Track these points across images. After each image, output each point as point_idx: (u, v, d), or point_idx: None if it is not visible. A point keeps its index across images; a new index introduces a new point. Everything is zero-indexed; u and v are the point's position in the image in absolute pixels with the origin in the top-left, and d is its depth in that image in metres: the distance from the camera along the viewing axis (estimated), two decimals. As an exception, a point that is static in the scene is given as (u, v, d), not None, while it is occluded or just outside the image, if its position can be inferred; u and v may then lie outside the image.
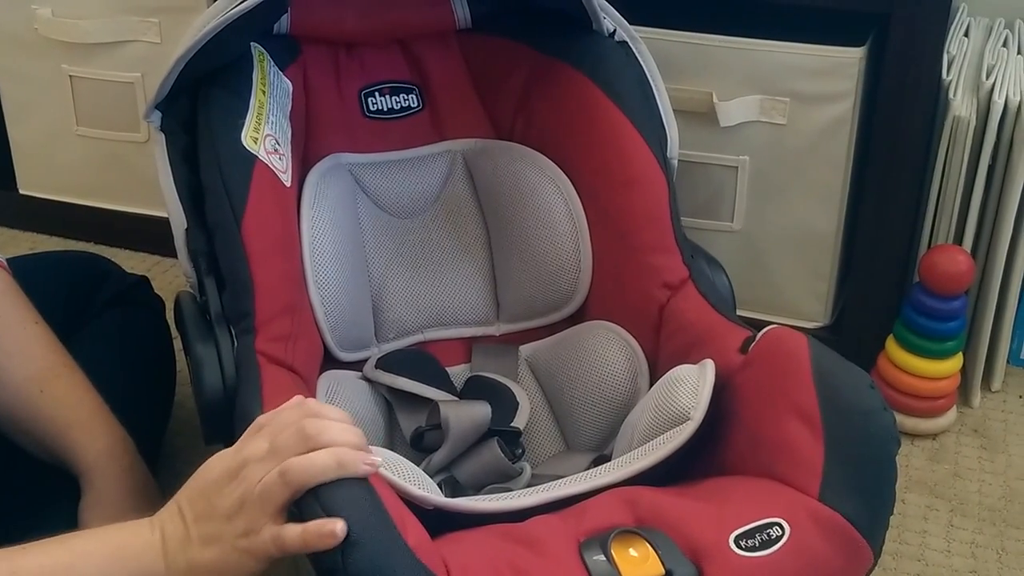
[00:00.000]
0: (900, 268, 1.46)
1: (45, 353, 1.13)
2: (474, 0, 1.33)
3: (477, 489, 1.13)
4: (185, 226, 1.14)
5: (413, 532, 0.84)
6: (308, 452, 0.82)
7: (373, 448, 0.96)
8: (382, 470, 0.90)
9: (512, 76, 1.34)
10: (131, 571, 0.82)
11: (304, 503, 0.82)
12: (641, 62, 1.30)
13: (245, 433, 0.86)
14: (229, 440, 0.98)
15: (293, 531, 0.80)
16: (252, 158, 1.12)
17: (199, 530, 0.82)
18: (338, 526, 0.79)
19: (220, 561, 0.82)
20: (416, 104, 1.36)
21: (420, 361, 1.27)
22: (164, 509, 0.85)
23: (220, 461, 0.84)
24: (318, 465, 0.81)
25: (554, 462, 1.20)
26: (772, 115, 1.42)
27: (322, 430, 0.83)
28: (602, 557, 0.86)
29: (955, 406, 1.45)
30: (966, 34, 1.50)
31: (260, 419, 0.87)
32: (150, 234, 1.73)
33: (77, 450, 1.10)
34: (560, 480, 1.00)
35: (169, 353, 1.35)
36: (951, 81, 1.38)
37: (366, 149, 1.32)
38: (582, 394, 1.22)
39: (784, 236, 1.49)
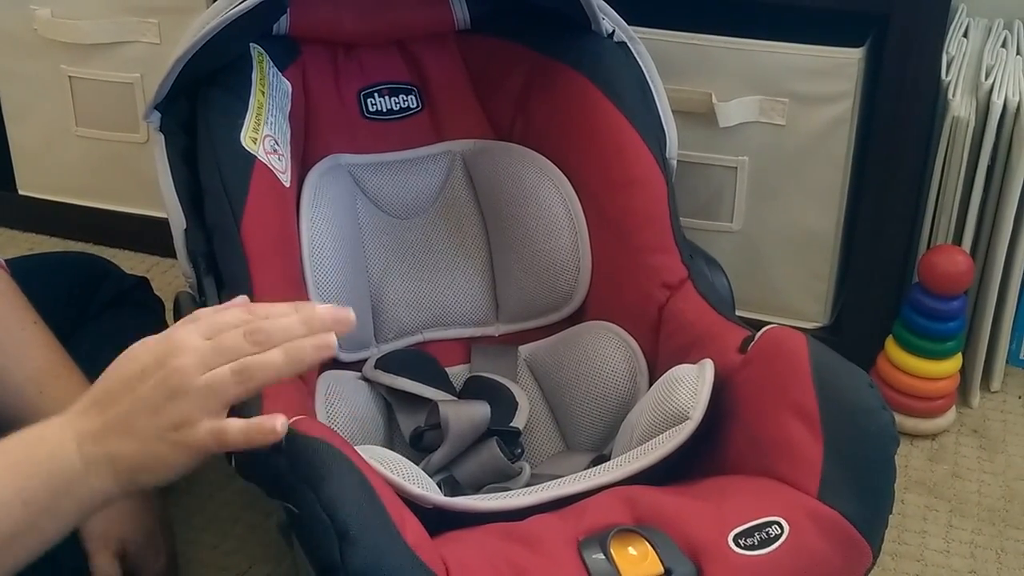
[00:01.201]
0: (899, 268, 1.46)
1: (44, 354, 1.13)
2: (473, 1, 1.33)
3: (476, 489, 1.13)
4: (184, 227, 1.14)
5: (412, 531, 0.85)
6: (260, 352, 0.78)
7: (369, 447, 0.97)
8: (381, 468, 0.91)
9: (511, 77, 1.34)
10: (44, 475, 0.77)
11: (302, 500, 0.82)
12: (640, 63, 1.30)
13: (178, 323, 0.82)
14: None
15: (235, 425, 0.77)
16: (251, 158, 1.12)
17: (118, 422, 0.78)
18: (279, 421, 0.77)
19: (145, 452, 0.78)
20: (415, 105, 1.37)
21: (419, 361, 1.27)
22: (76, 404, 0.81)
23: (142, 353, 0.80)
24: (274, 362, 0.78)
25: (553, 462, 1.20)
26: (771, 115, 1.42)
27: (271, 332, 0.79)
28: (601, 556, 0.86)
29: (954, 406, 1.45)
30: (965, 34, 1.50)
31: (198, 312, 0.83)
32: (149, 235, 1.73)
33: None
34: (559, 479, 1.00)
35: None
36: (950, 81, 1.38)
37: (365, 150, 1.33)
38: (581, 394, 1.22)
39: (783, 236, 1.49)
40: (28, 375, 1.11)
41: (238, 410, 0.81)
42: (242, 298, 0.87)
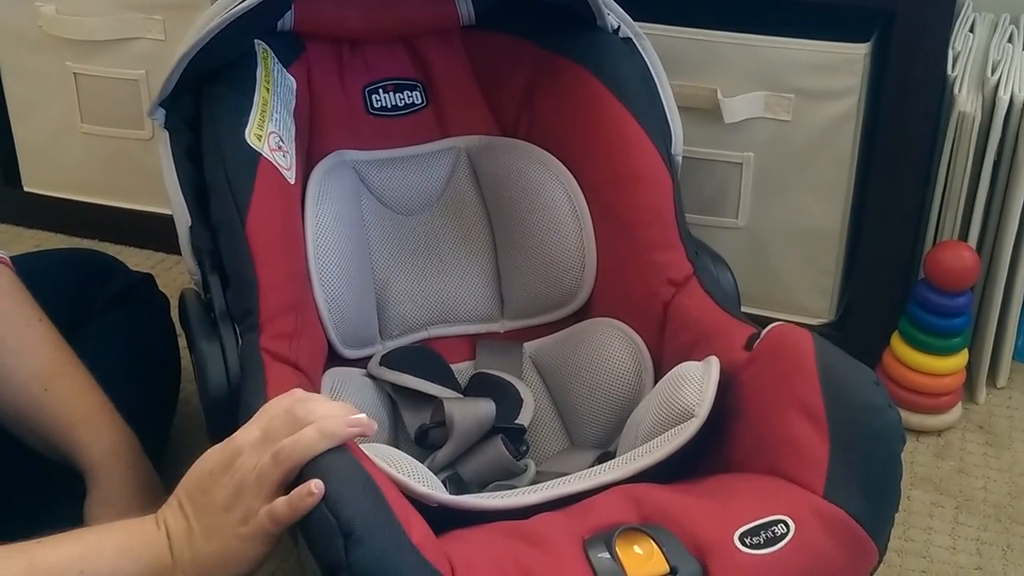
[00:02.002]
0: (905, 264, 1.46)
1: (49, 351, 1.13)
2: (478, -4, 1.33)
3: (481, 486, 1.13)
4: (189, 223, 1.14)
5: (417, 529, 0.84)
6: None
7: (374, 445, 0.97)
8: (386, 467, 0.91)
9: (516, 73, 1.34)
10: (142, 564, 0.84)
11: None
12: (645, 58, 1.30)
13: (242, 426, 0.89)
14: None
15: (280, 502, 0.83)
16: (256, 155, 1.12)
17: (200, 523, 0.85)
18: (313, 483, 0.82)
19: (223, 550, 0.85)
20: (420, 101, 1.36)
21: (424, 358, 1.26)
22: (166, 505, 0.88)
23: (214, 454, 0.87)
24: (304, 440, 0.84)
25: (558, 459, 1.20)
26: (777, 111, 1.42)
27: (310, 411, 0.86)
28: (607, 554, 0.86)
29: (960, 402, 1.45)
30: (971, 30, 1.50)
31: (258, 412, 0.90)
32: (154, 231, 1.73)
33: (82, 448, 1.10)
34: (564, 477, 0.99)
35: (173, 350, 1.35)
36: (956, 77, 1.38)
37: (370, 146, 1.32)
38: (586, 391, 1.22)
39: (789, 232, 1.49)
40: (33, 372, 1.11)
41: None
42: (294, 390, 0.92)
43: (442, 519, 0.90)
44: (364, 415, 0.88)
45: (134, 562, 0.84)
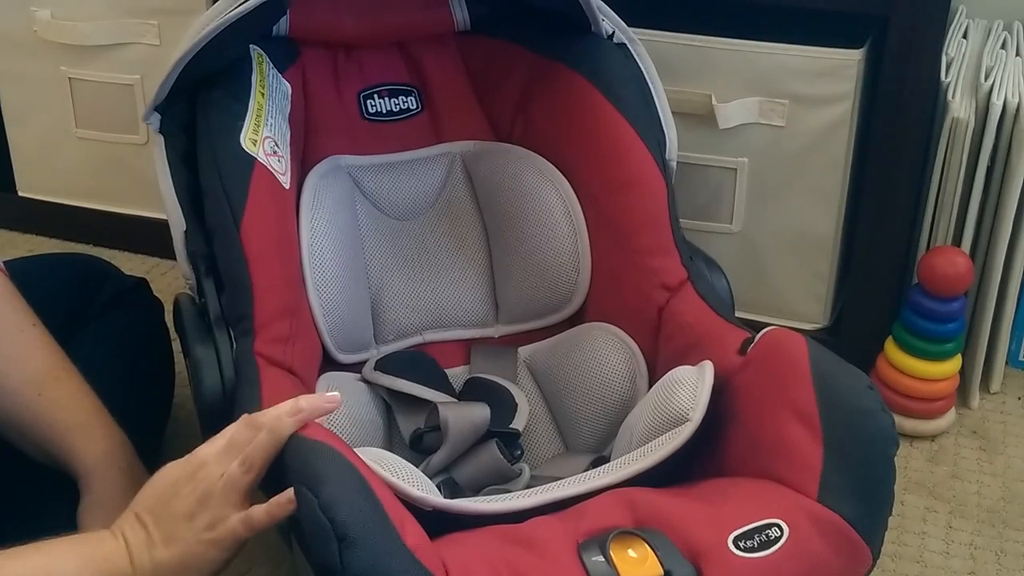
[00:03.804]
0: (899, 270, 1.46)
1: (43, 356, 1.13)
2: (473, 2, 1.33)
3: (476, 490, 1.13)
4: (184, 228, 1.14)
5: (412, 533, 0.85)
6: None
7: (369, 449, 0.97)
8: (381, 471, 0.91)
9: (511, 78, 1.34)
10: (106, 571, 0.88)
11: (302, 503, 0.82)
12: (640, 64, 1.30)
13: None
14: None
15: (258, 509, 0.88)
16: (251, 160, 1.12)
17: (160, 532, 0.89)
18: (287, 493, 0.86)
19: (185, 556, 0.89)
20: (415, 106, 1.37)
21: (419, 363, 1.27)
22: (121, 519, 0.92)
23: (175, 467, 0.92)
24: (260, 443, 0.90)
25: (553, 463, 1.20)
26: (771, 117, 1.42)
27: (266, 413, 0.92)
28: (601, 558, 0.86)
29: (954, 408, 1.45)
30: (964, 36, 1.50)
31: (213, 437, 0.94)
32: (149, 236, 1.73)
33: (76, 453, 1.10)
34: (559, 481, 1.00)
35: (168, 355, 1.35)
36: (950, 83, 1.38)
37: (365, 151, 1.33)
38: (581, 395, 1.22)
39: (783, 238, 1.49)
40: (27, 377, 1.11)
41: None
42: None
43: (436, 523, 0.90)
44: (306, 399, 0.92)
45: (95, 572, 0.87)
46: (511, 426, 1.20)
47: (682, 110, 1.40)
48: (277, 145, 1.16)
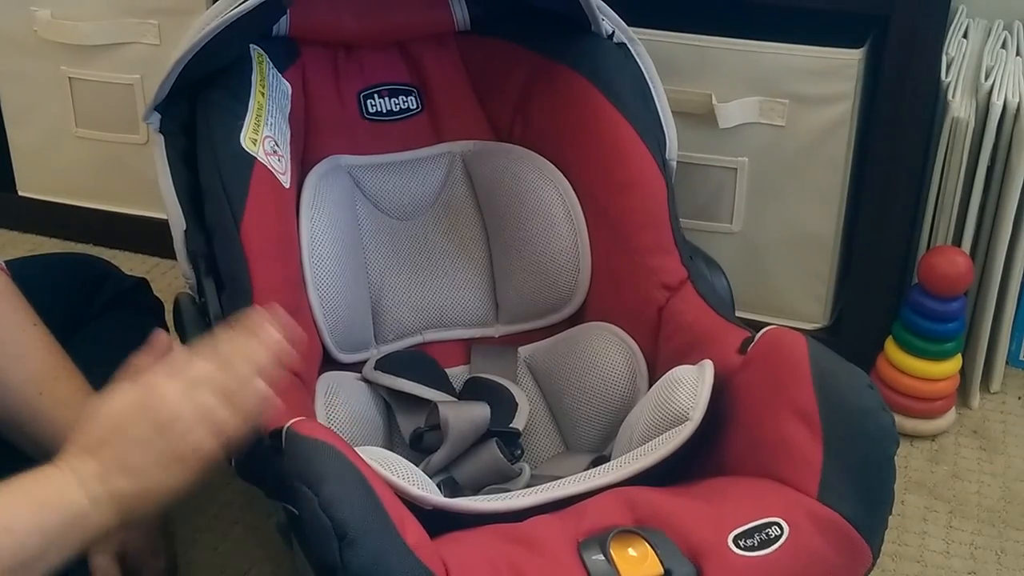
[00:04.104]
0: (899, 269, 1.46)
1: (44, 355, 1.13)
2: (473, 2, 1.33)
3: (476, 490, 1.13)
4: (184, 228, 1.14)
5: (412, 532, 0.85)
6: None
7: (369, 448, 0.97)
8: (381, 470, 0.91)
9: (511, 78, 1.34)
10: (59, 513, 0.83)
11: (302, 501, 0.82)
12: (640, 64, 1.30)
13: (126, 377, 0.90)
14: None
15: (227, 414, 0.85)
16: (251, 160, 1.12)
17: (117, 462, 0.85)
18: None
19: (144, 483, 0.85)
20: (415, 106, 1.37)
21: (419, 362, 1.27)
22: (65, 453, 0.87)
23: (123, 399, 0.87)
24: (254, 390, 0.87)
25: (553, 463, 1.20)
26: (771, 117, 1.42)
27: (235, 358, 0.88)
28: (601, 557, 0.86)
29: (954, 407, 1.45)
30: (965, 35, 1.50)
31: (137, 362, 0.92)
32: (149, 236, 1.73)
33: None
34: (559, 480, 1.00)
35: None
36: (950, 82, 1.38)
37: (365, 151, 1.33)
38: (581, 395, 1.22)
39: (783, 237, 1.49)
40: (27, 376, 1.11)
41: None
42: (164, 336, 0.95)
43: (437, 522, 0.90)
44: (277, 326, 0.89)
45: (51, 511, 0.83)
46: (511, 425, 1.20)
47: (682, 110, 1.40)
48: (277, 145, 1.16)
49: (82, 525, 0.84)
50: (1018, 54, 1.45)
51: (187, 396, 0.86)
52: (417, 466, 1.00)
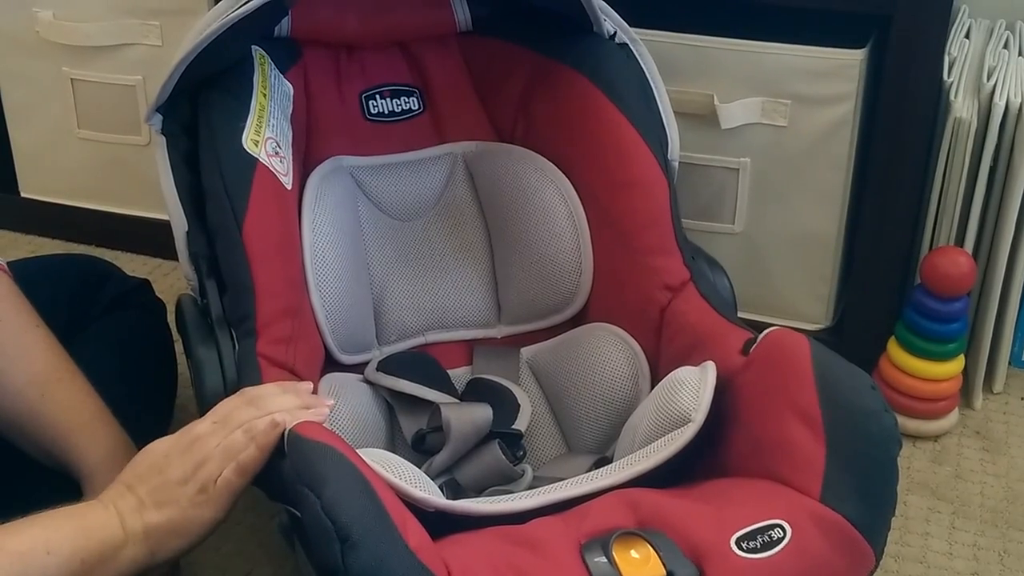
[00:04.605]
0: (901, 270, 1.46)
1: (46, 357, 1.13)
2: (475, 2, 1.33)
3: (478, 491, 1.13)
4: (186, 229, 1.14)
5: (414, 534, 0.84)
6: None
7: (371, 450, 0.97)
8: (383, 471, 0.91)
9: (513, 78, 1.34)
10: (97, 540, 0.90)
11: (304, 504, 0.82)
12: (642, 64, 1.30)
13: (184, 428, 0.97)
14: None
15: (247, 452, 0.93)
16: (253, 161, 1.12)
17: (152, 498, 0.93)
18: (276, 415, 0.93)
19: (177, 518, 0.92)
20: (417, 107, 1.37)
21: (421, 363, 1.26)
22: (108, 490, 0.95)
23: (167, 441, 0.96)
24: (266, 426, 0.93)
25: (555, 464, 1.20)
26: (773, 117, 1.42)
27: (268, 403, 0.96)
28: (603, 559, 0.86)
29: (957, 408, 1.45)
30: (967, 36, 1.50)
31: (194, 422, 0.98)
32: (151, 237, 1.73)
33: (79, 454, 1.10)
34: (561, 482, 1.00)
35: (170, 356, 1.35)
36: (952, 83, 1.38)
37: (367, 152, 1.32)
38: (583, 396, 1.22)
39: (785, 238, 1.49)
40: (30, 378, 1.11)
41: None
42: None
43: (439, 524, 0.90)
44: (317, 400, 1.00)
45: (90, 539, 0.90)
46: (513, 427, 1.20)
47: (684, 110, 1.40)
48: (279, 146, 1.16)
49: (117, 556, 0.91)
50: (1020, 54, 1.45)
51: (215, 434, 0.94)
52: (419, 468, 1.01)
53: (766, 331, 1.04)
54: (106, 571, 0.90)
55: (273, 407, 0.96)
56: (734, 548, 0.87)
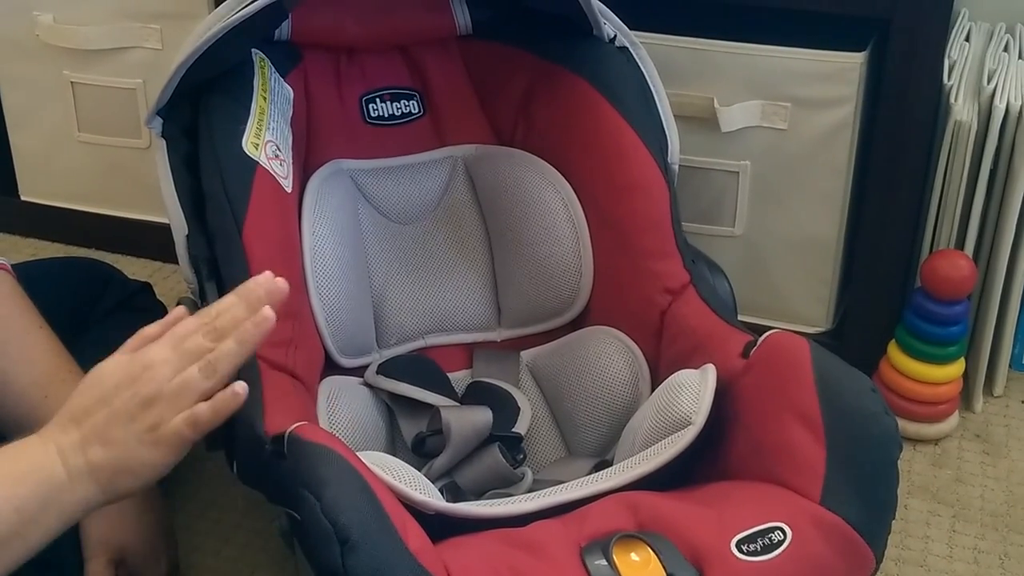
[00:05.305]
0: (902, 273, 1.46)
1: (49, 358, 1.13)
2: (475, 6, 1.33)
3: (478, 494, 1.13)
4: (186, 232, 1.14)
5: (415, 537, 0.84)
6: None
7: (371, 452, 0.97)
8: (383, 474, 0.91)
9: (513, 82, 1.34)
10: (34, 482, 0.83)
11: (304, 507, 0.82)
12: (642, 67, 1.30)
13: (129, 344, 0.90)
14: (230, 445, 0.98)
15: (204, 407, 0.84)
16: (253, 164, 1.12)
17: (96, 433, 0.85)
18: (238, 385, 0.84)
19: (124, 457, 0.84)
20: (417, 110, 1.37)
21: (421, 367, 1.27)
22: (51, 423, 0.87)
23: (114, 368, 0.87)
24: (232, 349, 0.86)
25: (555, 467, 1.20)
26: (773, 120, 1.42)
27: (224, 322, 0.87)
28: (604, 562, 0.86)
29: (957, 411, 1.45)
30: (967, 39, 1.50)
31: (145, 331, 0.90)
32: (151, 240, 1.73)
33: None
34: (561, 485, 0.99)
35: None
36: (952, 86, 1.38)
37: (367, 155, 1.33)
38: (583, 399, 1.22)
39: (785, 241, 1.49)
40: (33, 379, 1.11)
41: (245, 416, 0.89)
42: (180, 309, 0.93)
43: (439, 527, 0.90)
44: (266, 308, 0.87)
45: (23, 483, 0.82)
46: (513, 430, 1.20)
47: (684, 113, 1.40)
48: (279, 149, 1.16)
49: (60, 499, 0.83)
50: (1020, 57, 1.45)
51: (169, 362, 0.86)
52: (419, 471, 1.00)
53: (766, 334, 1.04)
54: (50, 516, 0.83)
55: (228, 329, 0.87)
56: (734, 551, 0.87)
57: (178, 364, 0.86)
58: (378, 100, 1.35)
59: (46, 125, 1.76)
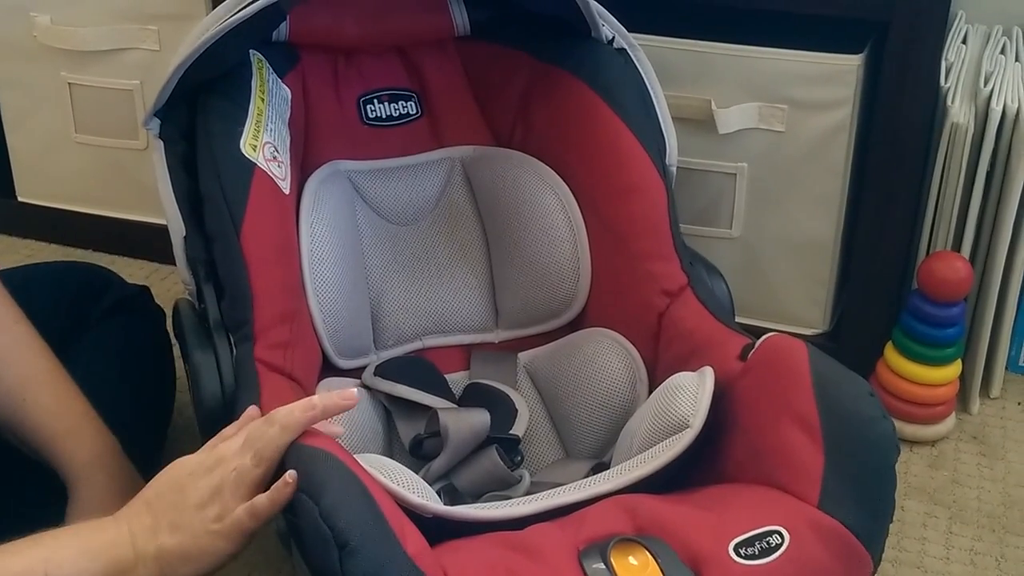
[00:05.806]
0: (899, 275, 1.46)
1: (29, 358, 1.12)
2: (473, 7, 1.33)
3: (476, 497, 1.13)
4: (184, 234, 1.14)
5: (412, 540, 0.84)
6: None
7: (369, 455, 0.97)
8: (381, 477, 0.91)
9: (511, 83, 1.34)
10: (104, 561, 0.87)
11: (302, 511, 0.82)
12: (640, 69, 1.30)
13: (210, 443, 0.94)
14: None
15: (261, 498, 0.86)
16: (251, 166, 1.12)
17: (167, 519, 0.89)
18: (288, 474, 0.86)
19: (190, 545, 0.88)
20: (415, 111, 1.37)
21: (419, 368, 1.26)
22: (128, 506, 0.92)
23: (195, 457, 0.92)
24: (268, 436, 0.89)
25: (553, 470, 1.20)
26: (771, 122, 1.42)
27: (280, 410, 0.90)
28: (601, 565, 0.86)
29: (954, 413, 1.45)
30: (964, 41, 1.50)
31: (225, 431, 0.95)
32: (149, 242, 1.73)
33: (62, 459, 1.09)
34: (559, 488, 0.99)
35: (168, 361, 1.34)
36: (949, 88, 1.38)
37: (365, 156, 1.32)
38: (581, 401, 1.22)
39: (783, 243, 1.49)
40: (12, 382, 1.10)
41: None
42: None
43: (437, 530, 0.90)
44: (318, 399, 0.91)
45: (95, 560, 0.87)
46: (511, 432, 1.20)
47: (682, 115, 1.40)
48: (277, 150, 1.16)
49: None
50: (1017, 59, 1.45)
51: (237, 455, 0.90)
52: (417, 473, 1.00)
53: (764, 337, 1.04)
54: None
55: (280, 417, 0.91)
56: (732, 555, 0.87)
57: (242, 454, 0.90)
58: (376, 101, 1.35)
59: (43, 126, 1.76)
